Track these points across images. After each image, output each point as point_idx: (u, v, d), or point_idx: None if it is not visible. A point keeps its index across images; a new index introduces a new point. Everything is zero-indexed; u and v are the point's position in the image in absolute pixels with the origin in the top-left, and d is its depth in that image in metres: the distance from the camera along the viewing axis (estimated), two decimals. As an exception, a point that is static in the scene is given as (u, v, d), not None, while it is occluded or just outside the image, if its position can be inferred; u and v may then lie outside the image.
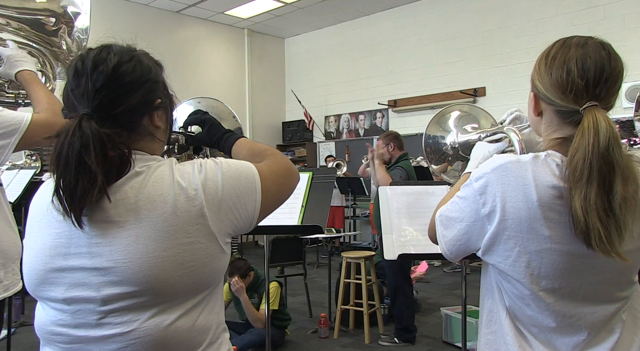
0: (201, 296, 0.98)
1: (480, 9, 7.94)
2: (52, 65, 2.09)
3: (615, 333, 1.03)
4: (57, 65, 2.10)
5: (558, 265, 0.99)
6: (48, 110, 1.67)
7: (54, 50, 2.06)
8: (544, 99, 1.04)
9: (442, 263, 7.40)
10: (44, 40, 2.03)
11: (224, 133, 1.29)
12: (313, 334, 4.47)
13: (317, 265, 7.65)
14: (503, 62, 7.64)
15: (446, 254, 1.14)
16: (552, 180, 0.97)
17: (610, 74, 0.98)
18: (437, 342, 4.24)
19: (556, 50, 1.03)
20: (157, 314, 0.92)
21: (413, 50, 8.76)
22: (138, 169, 0.94)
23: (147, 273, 0.89)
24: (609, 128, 0.93)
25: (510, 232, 1.00)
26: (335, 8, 8.97)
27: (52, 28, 2.02)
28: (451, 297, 5.70)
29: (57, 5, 2.02)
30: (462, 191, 1.08)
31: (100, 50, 0.97)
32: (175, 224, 0.91)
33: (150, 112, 1.00)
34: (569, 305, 1.01)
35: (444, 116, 1.62)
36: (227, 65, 9.92)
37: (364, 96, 9.44)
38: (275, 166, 1.12)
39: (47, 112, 1.66)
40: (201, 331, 0.98)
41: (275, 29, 10.26)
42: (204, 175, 0.96)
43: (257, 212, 1.04)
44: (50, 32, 2.02)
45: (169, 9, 8.83)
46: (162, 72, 1.06)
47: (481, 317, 1.15)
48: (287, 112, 10.89)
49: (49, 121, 1.64)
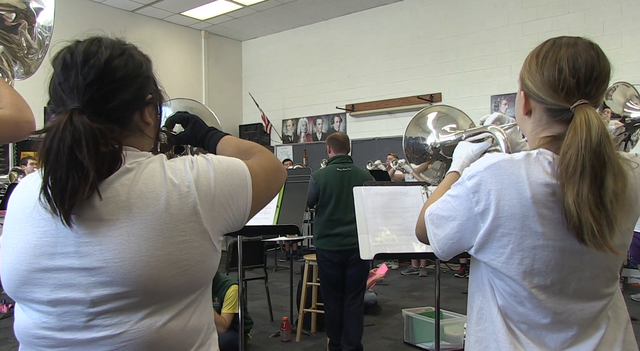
0: (194, 296, 0.95)
1: (435, 17, 8.15)
2: (9, 63, 1.98)
3: (601, 329, 1.06)
4: (15, 62, 1.98)
5: (551, 262, 1.01)
6: (12, 106, 1.57)
7: (12, 47, 1.95)
8: (535, 98, 1.07)
9: (399, 266, 7.51)
10: (1, 36, 1.91)
11: (209, 130, 1.26)
12: (275, 338, 4.42)
13: (276, 268, 7.60)
14: (458, 69, 7.87)
15: (438, 253, 1.14)
16: (545, 178, 1.00)
17: (599, 72, 1.02)
18: (399, 343, 4.28)
19: (547, 49, 1.06)
20: (149, 315, 0.88)
21: (370, 55, 8.88)
22: (128, 165, 0.91)
23: (140, 273, 0.85)
24: (600, 125, 0.96)
25: (504, 230, 1.01)
26: (294, 12, 8.98)
27: (11, 23, 1.90)
28: (410, 299, 5.78)
29: (18, 0, 1.91)
30: (454, 189, 1.09)
31: (90, 42, 0.93)
32: (169, 222, 0.88)
33: (141, 108, 0.97)
34: (559, 302, 1.03)
35: (423, 117, 1.64)
36: (183, 67, 9.73)
37: (322, 100, 9.49)
38: (264, 163, 1.11)
39: (11, 109, 1.56)
40: (193, 332, 0.95)
41: (233, 32, 10.16)
42: (196, 171, 0.94)
43: (249, 209, 1.02)
44: (9, 28, 1.90)
45: (123, 8, 8.59)
46: (151, 67, 1.04)
47: (470, 315, 1.15)
48: (245, 115, 10.80)
49: (13, 117, 1.54)
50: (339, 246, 3.67)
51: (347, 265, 3.72)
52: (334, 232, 3.71)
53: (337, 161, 3.83)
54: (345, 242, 3.63)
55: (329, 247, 3.74)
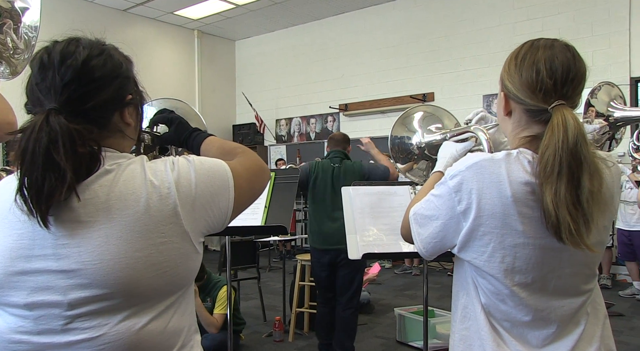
0: (174, 298, 0.94)
1: (428, 17, 8.17)
2: (-5, 63, 1.96)
3: (581, 325, 1.08)
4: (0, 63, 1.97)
5: (531, 259, 1.02)
6: None
7: None
8: (514, 99, 1.08)
9: (393, 265, 7.53)
10: (-14, 36, 1.90)
11: (192, 131, 1.26)
12: (268, 338, 4.43)
13: (269, 268, 7.60)
14: (450, 69, 7.89)
15: (422, 252, 1.15)
16: (525, 177, 1.01)
17: (575, 74, 1.03)
18: (391, 342, 4.29)
19: (525, 51, 1.07)
20: (128, 317, 0.88)
21: (364, 55, 8.89)
22: (108, 167, 0.90)
23: (119, 274, 0.85)
24: (577, 126, 0.97)
25: (486, 228, 1.02)
26: (287, 11, 8.98)
27: None
28: (402, 298, 5.80)
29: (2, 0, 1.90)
30: (437, 189, 1.10)
31: (67, 43, 0.92)
32: (148, 223, 0.88)
33: (121, 109, 0.96)
34: (540, 299, 1.05)
35: (409, 117, 1.64)
36: (176, 67, 9.71)
37: (315, 100, 9.49)
38: (247, 163, 1.11)
39: None
40: (174, 334, 0.95)
41: (226, 31, 10.14)
42: (176, 173, 0.93)
43: (230, 210, 1.02)
44: None
45: (115, 7, 8.55)
46: (132, 68, 1.03)
47: (455, 313, 1.16)
48: (238, 115, 10.78)
49: None
50: (326, 245, 3.63)
51: (337, 266, 3.67)
52: (321, 229, 3.68)
53: (331, 156, 3.83)
54: (333, 241, 3.56)
55: (317, 245, 3.71)
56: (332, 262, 3.66)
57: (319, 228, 3.71)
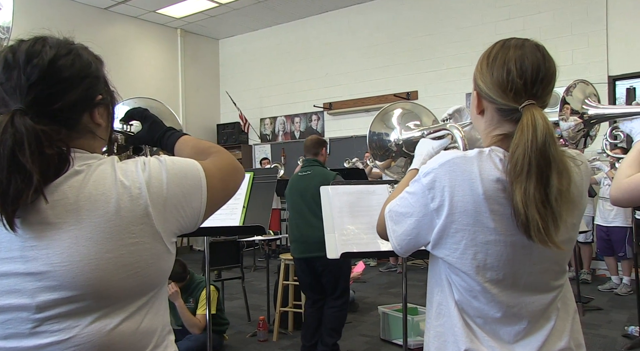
0: (146, 298, 0.94)
1: (411, 16, 8.21)
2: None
3: (552, 320, 1.09)
4: None
5: (502, 256, 1.03)
6: None
7: None
8: (486, 98, 1.09)
9: (377, 263, 7.56)
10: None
11: (167, 130, 1.25)
12: (252, 338, 4.42)
13: (255, 268, 7.58)
14: (433, 67, 7.94)
15: (396, 249, 1.16)
16: (496, 174, 1.02)
17: (545, 74, 1.04)
18: (375, 340, 4.31)
19: (497, 50, 1.08)
20: (99, 318, 0.87)
21: (348, 53, 8.90)
22: (77, 168, 0.89)
23: (89, 276, 0.84)
24: (546, 125, 0.98)
25: (458, 225, 1.03)
26: (271, 10, 8.95)
27: None
28: (387, 296, 5.82)
29: None
30: (411, 186, 1.11)
31: (33, 42, 0.90)
32: (119, 224, 0.87)
33: (91, 109, 0.95)
34: (511, 295, 1.06)
35: (388, 113, 1.65)
36: (159, 66, 9.63)
37: (300, 98, 9.48)
38: (220, 163, 1.10)
39: None
40: (146, 335, 0.94)
41: (210, 30, 10.08)
42: (147, 173, 0.93)
43: (203, 210, 1.01)
44: None
45: (96, 5, 8.45)
46: (102, 67, 1.01)
47: (430, 310, 1.17)
48: (222, 114, 10.73)
49: None
50: (306, 253, 3.64)
51: (319, 274, 3.69)
52: (300, 238, 3.70)
53: (302, 165, 3.88)
54: (313, 249, 3.52)
55: (296, 254, 3.75)
56: (314, 269, 3.69)
57: (296, 237, 3.74)
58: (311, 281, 3.77)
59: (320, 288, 3.78)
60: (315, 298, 3.82)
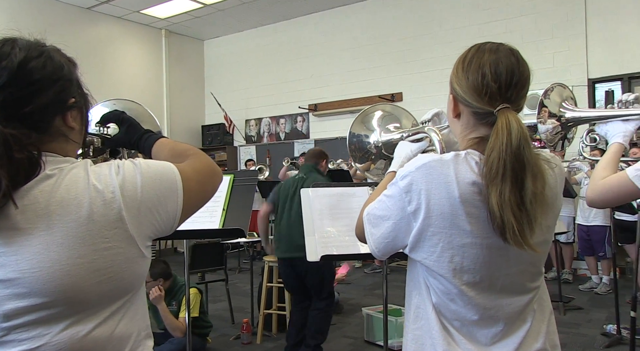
0: (120, 303, 0.93)
1: (397, 17, 8.25)
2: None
3: (528, 322, 1.10)
4: None
5: (479, 259, 1.04)
6: None
7: None
8: (462, 101, 1.10)
9: (362, 265, 7.57)
10: None
11: (144, 133, 1.23)
12: (235, 340, 4.39)
13: (239, 270, 7.55)
14: (419, 69, 7.98)
15: (374, 252, 1.16)
16: (472, 177, 1.03)
17: (519, 78, 1.05)
18: (359, 341, 4.32)
19: (472, 55, 1.09)
20: (71, 325, 0.86)
21: (333, 55, 8.92)
22: (49, 172, 0.88)
23: (59, 282, 0.83)
24: (520, 129, 0.99)
25: (435, 228, 1.03)
26: (256, 11, 8.93)
27: None
28: (372, 297, 5.83)
29: None
30: (389, 190, 1.11)
31: (2, 43, 0.89)
32: (91, 229, 0.86)
33: (63, 112, 0.94)
34: (488, 298, 1.07)
35: (368, 115, 1.66)
36: (143, 67, 9.55)
37: (285, 100, 9.47)
38: (197, 166, 1.09)
39: None
40: (121, 340, 0.93)
41: (194, 31, 10.03)
42: (121, 176, 0.91)
43: (179, 214, 1.00)
44: None
45: (79, 5, 8.35)
46: (75, 70, 0.99)
47: (408, 313, 1.17)
48: (207, 116, 10.67)
49: None
50: (283, 253, 3.65)
51: (303, 276, 3.69)
52: (284, 238, 3.70)
53: (301, 169, 3.90)
54: (292, 249, 3.54)
55: (280, 254, 3.76)
56: (298, 269, 3.68)
57: (280, 237, 3.74)
58: (295, 283, 3.78)
59: (304, 289, 3.78)
60: (298, 299, 3.84)
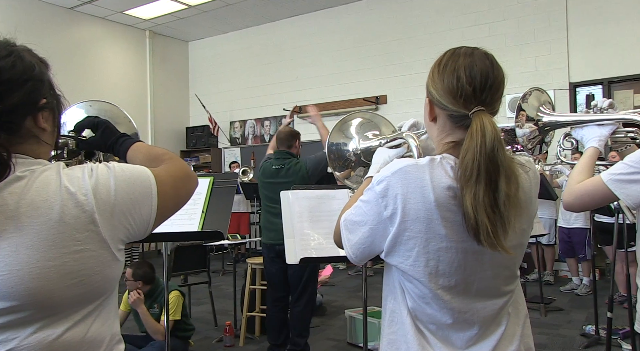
0: (92, 307, 0.92)
1: (381, 20, 8.28)
2: None
3: (502, 325, 1.11)
4: None
5: (454, 263, 1.04)
6: None
7: None
8: (438, 104, 1.11)
9: (347, 267, 7.57)
10: None
11: (119, 136, 1.22)
12: (218, 343, 4.37)
13: (223, 272, 7.51)
14: (402, 72, 8.02)
15: (351, 258, 1.16)
16: (448, 181, 1.03)
17: (493, 81, 1.07)
18: (342, 344, 4.32)
19: (447, 58, 1.10)
20: (41, 329, 0.85)
21: (317, 57, 8.93)
22: (20, 174, 0.86)
23: (29, 285, 0.82)
24: (494, 131, 1.00)
25: (410, 233, 1.04)
26: (240, 13, 8.91)
27: None
28: (355, 299, 5.84)
29: None
30: (365, 195, 1.11)
31: None
32: (63, 231, 0.85)
33: (34, 113, 0.92)
34: (463, 302, 1.07)
35: (346, 123, 1.65)
36: (127, 68, 9.46)
37: (270, 102, 9.45)
38: (172, 170, 1.08)
39: None
40: (93, 344, 0.92)
41: (179, 32, 9.97)
42: (95, 179, 0.91)
43: (153, 218, 1.00)
44: None
45: (61, 5, 8.26)
46: (47, 70, 0.98)
47: (384, 318, 1.18)
48: (191, 117, 10.61)
49: None
50: (275, 239, 3.62)
51: (286, 265, 3.68)
52: (269, 225, 3.73)
53: (274, 157, 3.84)
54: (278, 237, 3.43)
55: (266, 240, 3.79)
56: (281, 256, 3.67)
57: (266, 224, 3.79)
58: (277, 271, 3.78)
59: (285, 280, 3.79)
60: (278, 295, 3.84)
